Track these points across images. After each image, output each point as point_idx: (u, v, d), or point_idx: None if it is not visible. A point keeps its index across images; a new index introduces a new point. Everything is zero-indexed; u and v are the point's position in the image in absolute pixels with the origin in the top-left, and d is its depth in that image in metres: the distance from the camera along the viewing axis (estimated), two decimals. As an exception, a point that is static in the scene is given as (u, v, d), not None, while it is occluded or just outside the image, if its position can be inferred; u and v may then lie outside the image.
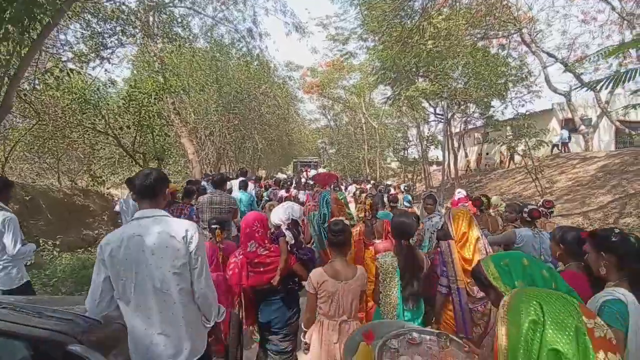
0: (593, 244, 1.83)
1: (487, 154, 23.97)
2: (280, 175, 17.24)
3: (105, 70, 7.11)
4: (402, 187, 11.30)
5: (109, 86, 7.54)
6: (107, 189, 9.47)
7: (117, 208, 6.06)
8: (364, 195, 6.66)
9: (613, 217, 9.73)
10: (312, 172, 14.85)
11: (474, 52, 13.32)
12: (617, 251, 1.70)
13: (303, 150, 33.12)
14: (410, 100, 17.16)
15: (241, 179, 7.02)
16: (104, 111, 6.71)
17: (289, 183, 11.21)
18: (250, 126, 15.86)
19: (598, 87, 4.28)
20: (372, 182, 15.86)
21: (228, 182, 6.06)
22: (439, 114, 19.45)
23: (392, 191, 10.06)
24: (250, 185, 7.65)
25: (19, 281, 3.01)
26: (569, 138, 17.51)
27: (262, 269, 2.72)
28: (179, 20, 7.84)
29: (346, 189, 11.22)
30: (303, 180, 12.47)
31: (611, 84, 4.03)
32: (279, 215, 3.10)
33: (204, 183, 6.82)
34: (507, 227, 4.19)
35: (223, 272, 2.85)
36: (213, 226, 3.01)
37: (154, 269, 1.68)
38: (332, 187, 8.19)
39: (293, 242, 2.94)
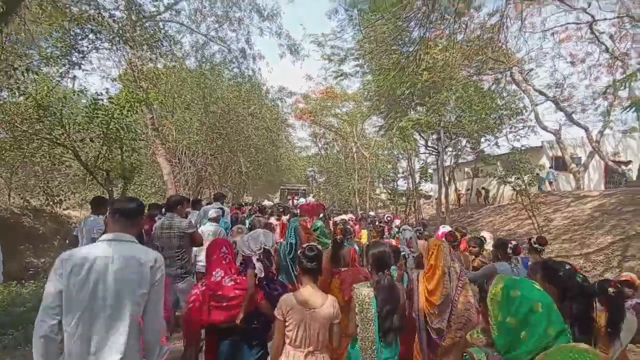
0: (542, 274, 1.95)
1: (468, 189, 24.12)
2: (267, 203, 16.46)
3: (74, 76, 6.37)
4: (386, 218, 10.69)
5: (79, 94, 6.78)
6: (64, 209, 8.38)
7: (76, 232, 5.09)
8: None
9: (616, 260, 9.42)
10: (302, 200, 14.19)
11: (466, 86, 13.32)
12: (561, 284, 1.81)
13: (292, 178, 32.49)
14: (402, 132, 16.97)
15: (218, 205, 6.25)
16: (65, 120, 5.90)
17: (281, 210, 10.43)
18: (235, 148, 15.11)
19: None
20: (360, 212, 15.35)
21: (213, 209, 5.36)
22: (430, 147, 19.30)
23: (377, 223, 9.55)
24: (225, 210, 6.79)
25: None
26: (554, 177, 17.47)
27: (225, 304, 2.48)
28: (161, 27, 7.28)
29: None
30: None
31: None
32: (250, 244, 2.75)
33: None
34: (474, 261, 4.44)
35: None
36: None
37: (112, 295, 1.63)
38: (320, 217, 7.68)
39: (263, 275, 2.66)
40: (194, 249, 4.18)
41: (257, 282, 2.64)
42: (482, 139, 15.52)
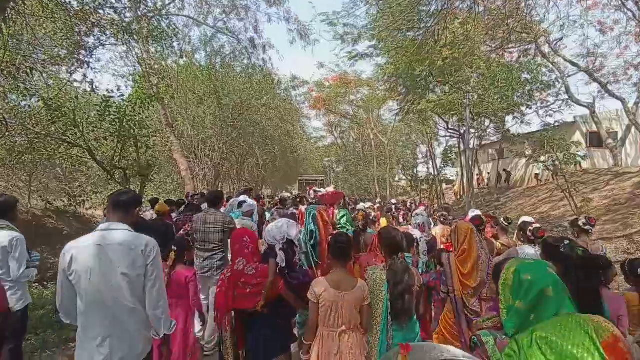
0: (544, 252, 2.16)
1: (489, 173, 23.26)
2: (286, 194, 16.34)
3: (84, 75, 6.25)
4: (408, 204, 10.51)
5: (90, 94, 6.70)
6: (87, 209, 8.46)
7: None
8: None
9: (662, 240, 8.66)
10: (322, 190, 14.00)
11: (489, 62, 12.49)
12: (563, 260, 1.92)
13: (309, 169, 32.35)
14: (421, 115, 16.25)
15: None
16: (78, 120, 5.80)
17: (298, 200, 10.42)
18: (251, 140, 14.93)
19: None
20: (378, 201, 15.04)
21: (246, 203, 5.32)
22: (451, 129, 18.46)
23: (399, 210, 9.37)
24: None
25: (22, 304, 2.89)
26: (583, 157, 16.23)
27: (248, 290, 2.62)
28: (166, 18, 7.05)
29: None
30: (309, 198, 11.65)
31: None
32: (274, 234, 2.83)
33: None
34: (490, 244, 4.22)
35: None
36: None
37: (109, 276, 1.83)
38: (340, 205, 7.48)
39: (284, 264, 2.73)
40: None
41: (278, 271, 2.70)
42: (509, 117, 14.64)
